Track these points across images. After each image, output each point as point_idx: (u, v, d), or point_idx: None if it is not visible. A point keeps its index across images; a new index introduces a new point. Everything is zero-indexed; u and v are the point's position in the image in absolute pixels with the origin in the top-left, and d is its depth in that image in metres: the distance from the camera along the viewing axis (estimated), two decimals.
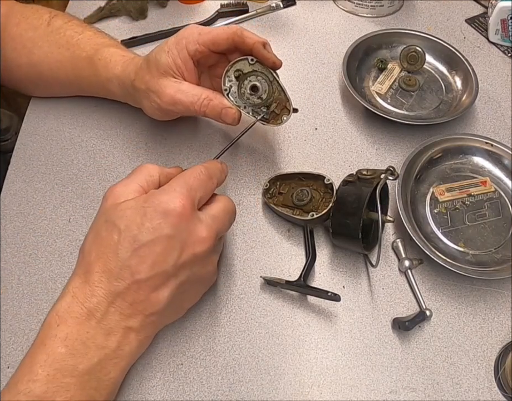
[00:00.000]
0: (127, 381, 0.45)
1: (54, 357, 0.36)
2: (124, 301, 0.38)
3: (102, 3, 0.75)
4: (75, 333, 0.37)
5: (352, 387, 0.45)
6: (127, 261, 0.38)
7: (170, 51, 0.50)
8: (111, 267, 0.38)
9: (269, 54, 0.49)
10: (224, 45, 0.49)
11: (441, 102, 0.66)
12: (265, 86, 0.50)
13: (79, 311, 0.38)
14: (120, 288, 0.38)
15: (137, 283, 0.38)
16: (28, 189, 0.57)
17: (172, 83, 0.50)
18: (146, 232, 0.38)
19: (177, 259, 0.39)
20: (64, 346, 0.37)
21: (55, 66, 0.59)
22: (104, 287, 0.38)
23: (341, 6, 0.79)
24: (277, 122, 0.50)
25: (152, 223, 0.38)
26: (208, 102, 0.49)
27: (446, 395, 0.45)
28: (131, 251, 0.38)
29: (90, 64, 0.57)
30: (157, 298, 0.39)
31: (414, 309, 0.49)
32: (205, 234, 0.40)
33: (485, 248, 0.53)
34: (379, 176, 0.49)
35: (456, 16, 0.79)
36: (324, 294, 0.46)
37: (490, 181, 0.57)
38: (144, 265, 0.38)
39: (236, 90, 0.50)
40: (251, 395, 0.44)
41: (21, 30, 0.60)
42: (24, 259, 0.51)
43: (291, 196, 0.53)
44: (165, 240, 0.38)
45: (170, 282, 0.39)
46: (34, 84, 0.63)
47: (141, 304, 0.39)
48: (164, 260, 0.38)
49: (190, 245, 0.39)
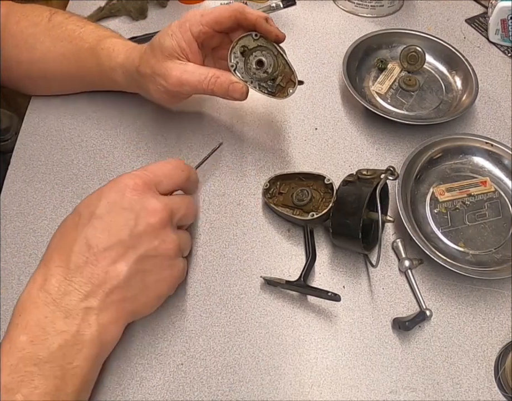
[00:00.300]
0: (127, 381, 0.45)
1: (16, 346, 0.36)
2: (82, 277, 0.38)
3: (102, 3, 0.75)
4: (34, 319, 0.37)
5: (352, 387, 0.45)
6: (83, 233, 0.39)
7: (174, 34, 0.50)
8: (69, 244, 0.39)
9: (272, 27, 0.49)
10: (227, 23, 0.49)
11: (441, 102, 0.66)
12: (270, 60, 0.50)
13: (38, 296, 0.38)
14: (78, 262, 0.38)
15: (95, 255, 0.39)
16: (28, 189, 0.57)
17: (177, 65, 0.50)
18: (102, 207, 0.40)
19: (133, 229, 0.40)
20: (24, 334, 0.37)
21: (58, 60, 0.59)
22: (63, 265, 0.39)
23: (341, 6, 0.79)
24: (284, 95, 0.50)
25: (107, 199, 0.41)
26: (216, 79, 0.49)
27: (446, 395, 0.45)
28: (88, 225, 0.40)
29: (93, 54, 0.57)
30: (116, 271, 0.39)
31: (414, 309, 0.49)
32: (158, 206, 0.41)
33: (485, 248, 0.53)
34: (379, 176, 0.49)
35: (456, 16, 0.79)
36: (324, 294, 0.46)
37: (490, 181, 0.57)
38: (100, 236, 0.39)
39: (243, 66, 0.50)
40: (251, 395, 0.44)
41: (22, 27, 0.60)
42: (24, 259, 0.51)
43: (291, 196, 0.53)
44: (119, 212, 0.40)
45: (128, 254, 0.40)
46: (34, 81, 0.63)
47: (99, 279, 0.39)
48: (120, 229, 0.40)
49: (143, 216, 0.41)
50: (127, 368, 0.45)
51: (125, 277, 0.39)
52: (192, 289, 0.50)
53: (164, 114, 0.63)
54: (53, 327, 0.37)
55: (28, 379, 0.36)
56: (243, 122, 0.63)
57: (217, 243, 0.53)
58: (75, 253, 0.39)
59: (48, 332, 0.37)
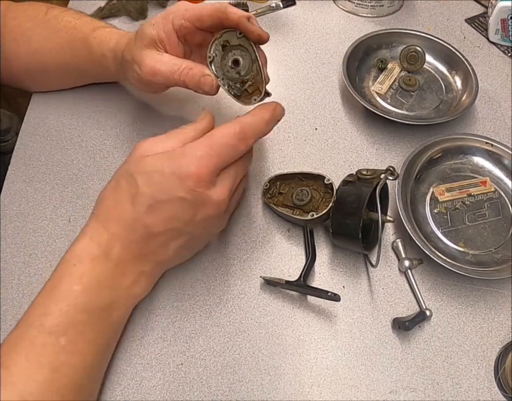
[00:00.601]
0: (127, 381, 0.45)
1: (68, 293, 0.39)
2: (137, 249, 0.42)
3: (102, 3, 0.75)
4: (91, 272, 0.40)
5: (352, 387, 0.45)
6: (141, 215, 0.40)
7: (156, 24, 0.50)
8: (126, 216, 0.41)
9: (254, 26, 0.47)
10: (208, 22, 0.49)
11: (441, 102, 0.66)
12: (246, 63, 0.49)
13: (95, 253, 0.40)
14: (134, 238, 0.41)
15: (150, 235, 0.41)
16: (28, 189, 0.57)
17: (153, 55, 0.50)
18: (162, 192, 0.40)
19: (190, 220, 0.42)
20: (79, 284, 0.39)
21: (54, 50, 0.60)
22: (120, 234, 0.41)
23: (341, 6, 0.79)
24: (248, 101, 0.49)
25: (168, 185, 0.40)
26: (188, 70, 0.49)
27: (446, 395, 0.45)
28: (146, 206, 0.40)
29: (86, 43, 0.58)
30: (168, 250, 0.43)
31: (414, 309, 0.49)
32: (219, 199, 0.42)
33: (485, 248, 0.53)
34: (379, 176, 0.49)
35: (456, 16, 0.79)
36: (324, 294, 0.46)
37: (490, 181, 0.57)
38: (158, 221, 0.41)
39: (219, 61, 0.49)
40: (251, 395, 0.44)
41: (19, 21, 0.60)
42: (24, 259, 0.51)
43: (291, 196, 0.53)
44: (178, 202, 0.40)
45: (181, 237, 0.43)
46: (33, 75, 0.63)
47: (153, 254, 0.43)
48: (177, 219, 0.41)
49: (202, 210, 0.42)
50: (127, 368, 0.45)
51: (174, 253, 0.44)
52: (192, 289, 0.50)
53: (164, 114, 0.63)
54: (108, 283, 0.40)
55: (75, 324, 0.38)
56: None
57: (217, 243, 0.53)
58: (134, 230, 0.41)
59: (103, 286, 0.40)
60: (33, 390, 0.36)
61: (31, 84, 0.65)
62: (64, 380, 0.37)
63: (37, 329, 0.38)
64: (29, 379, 0.36)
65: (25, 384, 0.36)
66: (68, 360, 0.38)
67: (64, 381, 0.37)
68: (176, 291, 0.50)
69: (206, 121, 0.45)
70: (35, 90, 0.66)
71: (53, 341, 0.37)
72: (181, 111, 0.64)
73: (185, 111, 0.64)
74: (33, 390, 0.36)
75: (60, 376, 0.37)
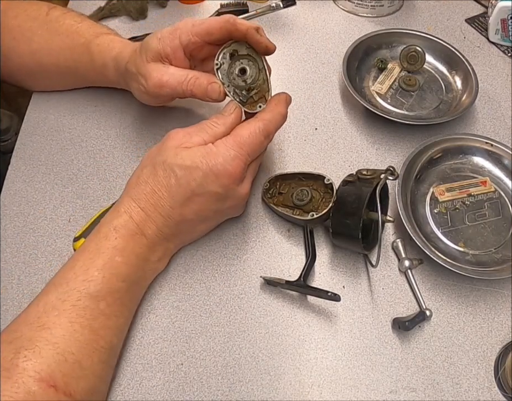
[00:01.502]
0: (127, 381, 0.45)
1: (111, 264, 0.43)
2: (169, 232, 0.47)
3: (102, 3, 0.75)
4: (131, 247, 0.44)
5: (352, 387, 0.45)
6: (178, 204, 0.45)
7: (162, 38, 0.50)
8: (164, 204, 0.45)
9: (262, 38, 0.48)
10: (217, 35, 0.49)
11: (441, 102, 0.66)
12: (253, 71, 0.50)
13: (134, 230, 0.45)
14: (168, 223, 0.46)
15: (182, 221, 0.46)
16: (28, 189, 0.57)
17: (159, 67, 0.51)
18: (200, 187, 0.45)
19: (218, 210, 0.48)
20: (121, 256, 0.43)
21: (55, 52, 0.60)
22: (157, 219, 0.45)
23: (341, 6, 0.79)
24: (253, 108, 0.50)
25: (206, 180, 0.44)
26: (195, 80, 0.50)
27: (446, 395, 0.45)
28: (184, 198, 0.45)
29: (88, 50, 0.58)
30: (194, 232, 0.50)
31: (414, 309, 0.49)
32: (245, 191, 0.48)
33: (485, 248, 0.53)
34: (379, 176, 0.49)
35: (456, 16, 0.79)
36: (324, 294, 0.46)
37: (490, 181, 0.57)
38: (192, 211, 0.46)
39: (226, 68, 0.50)
40: (251, 395, 0.44)
41: (20, 21, 0.60)
42: (24, 259, 0.51)
43: (291, 196, 0.53)
44: (213, 196, 0.46)
45: (207, 222, 0.50)
46: (33, 74, 0.63)
47: (181, 234, 0.48)
48: (208, 209, 0.47)
49: (231, 202, 0.47)
50: (127, 368, 0.45)
51: (198, 234, 0.51)
52: (192, 289, 0.50)
53: (164, 115, 0.63)
54: (144, 258, 0.45)
55: (114, 291, 0.42)
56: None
57: (217, 243, 0.53)
58: (168, 216, 0.45)
59: (140, 259, 0.45)
60: (74, 349, 0.38)
61: (31, 83, 0.65)
62: (101, 342, 0.41)
63: (79, 293, 0.40)
64: (71, 338, 0.39)
65: (66, 343, 0.38)
66: (105, 323, 0.41)
67: (101, 343, 0.40)
68: (176, 291, 0.50)
69: (234, 115, 0.48)
70: (35, 89, 0.66)
71: (94, 304, 0.41)
72: (181, 110, 0.64)
73: (185, 110, 0.64)
74: (74, 350, 0.38)
75: (98, 338, 0.40)
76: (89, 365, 0.39)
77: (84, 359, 0.39)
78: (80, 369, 0.38)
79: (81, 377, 0.38)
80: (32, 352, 0.37)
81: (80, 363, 0.38)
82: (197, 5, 0.78)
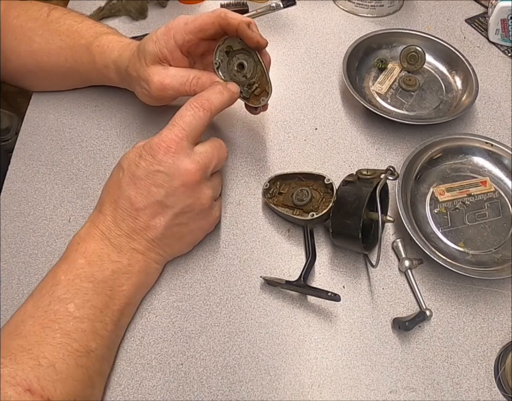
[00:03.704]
0: (127, 381, 0.45)
1: (74, 265, 0.43)
2: (127, 227, 0.45)
3: (102, 3, 0.75)
4: (92, 248, 0.44)
5: (352, 387, 0.45)
6: (126, 192, 0.45)
7: (157, 41, 0.51)
8: (115, 197, 0.45)
9: (253, 33, 0.48)
10: (210, 30, 0.49)
11: (441, 102, 0.66)
12: (250, 65, 0.51)
13: (95, 233, 0.45)
14: (123, 215, 0.45)
15: (136, 211, 0.45)
16: (28, 189, 0.57)
17: (160, 70, 0.51)
18: (141, 169, 0.45)
19: (168, 189, 0.44)
20: (83, 258, 0.44)
21: (55, 52, 0.60)
22: (111, 214, 0.45)
23: (341, 6, 0.79)
24: (257, 102, 0.51)
25: (145, 162, 0.45)
26: (197, 80, 0.50)
27: (446, 395, 0.45)
28: (130, 184, 0.45)
29: (88, 51, 0.58)
30: (155, 226, 0.45)
31: (414, 309, 0.49)
32: (191, 167, 0.45)
33: (485, 248, 0.53)
34: (379, 176, 0.49)
35: (456, 16, 0.79)
36: (324, 294, 0.46)
37: (490, 181, 0.57)
38: (141, 196, 0.45)
39: (226, 66, 0.51)
40: (251, 395, 0.44)
41: (21, 21, 0.61)
42: (24, 259, 0.51)
43: (291, 196, 0.53)
44: (155, 174, 0.44)
45: (166, 212, 0.45)
46: (33, 74, 0.63)
47: (142, 230, 0.45)
48: (157, 191, 0.44)
49: (177, 176, 0.44)
50: (127, 368, 0.45)
51: (163, 230, 0.46)
52: (192, 289, 0.50)
53: (164, 114, 0.63)
54: (108, 257, 0.45)
55: (82, 292, 0.42)
56: (243, 122, 0.63)
57: (217, 243, 0.53)
58: (120, 207, 0.45)
59: (104, 260, 0.44)
60: (47, 353, 0.38)
61: (31, 83, 0.65)
62: (75, 345, 0.40)
63: (49, 298, 0.41)
64: (43, 343, 0.39)
65: (39, 348, 0.39)
66: (78, 326, 0.41)
67: (75, 346, 0.40)
68: (176, 291, 0.50)
69: None
70: (35, 90, 0.66)
71: (63, 308, 0.41)
72: None
73: None
74: (47, 354, 0.38)
75: (71, 341, 0.40)
76: (64, 369, 0.39)
77: (59, 362, 0.38)
78: (55, 373, 0.38)
79: (57, 380, 0.38)
80: (8, 360, 0.37)
81: (54, 366, 0.38)
82: (197, 5, 0.78)
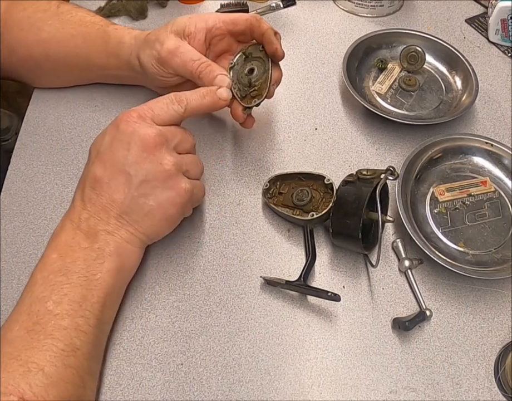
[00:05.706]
0: (127, 381, 0.45)
1: (47, 261, 0.43)
2: (95, 207, 0.44)
3: (102, 3, 0.75)
4: (64, 240, 0.44)
5: (352, 387, 0.45)
6: (91, 170, 0.45)
7: (192, 17, 0.54)
8: (82, 181, 0.46)
9: (276, 41, 0.51)
10: (241, 26, 0.53)
11: (441, 102, 0.66)
12: (259, 73, 0.52)
13: (65, 224, 0.45)
14: (90, 195, 0.44)
15: (101, 187, 0.44)
16: (28, 189, 0.57)
17: (179, 40, 0.53)
18: (105, 143, 0.45)
19: (128, 156, 0.44)
20: (55, 252, 0.43)
21: (65, 39, 0.60)
22: (80, 199, 0.45)
23: (341, 6, 0.79)
24: (248, 102, 0.52)
25: (109, 136, 0.45)
26: (207, 66, 0.51)
27: (446, 395, 0.45)
28: (95, 163, 0.45)
29: (104, 32, 0.59)
30: (120, 199, 0.44)
31: (414, 309, 0.49)
32: (149, 131, 0.44)
33: (485, 248, 0.53)
34: (379, 176, 0.49)
35: (456, 16, 0.79)
36: (324, 294, 0.46)
37: (490, 181, 0.57)
38: (103, 169, 0.44)
39: (238, 68, 0.54)
40: (251, 395, 0.44)
41: (29, 13, 0.60)
42: (24, 259, 0.51)
43: (291, 196, 0.53)
44: (116, 144, 0.44)
45: (129, 181, 0.44)
46: (38, 67, 0.62)
47: (107, 206, 0.44)
48: (118, 161, 0.44)
49: (137, 142, 0.44)
50: (127, 368, 0.45)
51: (128, 203, 0.44)
52: (192, 289, 0.50)
53: None
54: (79, 246, 0.43)
55: (58, 288, 0.41)
56: None
57: (217, 243, 0.53)
58: (87, 187, 0.45)
59: (74, 249, 0.43)
60: (34, 358, 0.38)
61: (34, 77, 0.64)
62: (60, 344, 0.39)
63: (29, 300, 0.41)
64: (30, 347, 0.38)
65: (26, 353, 0.38)
66: (59, 324, 0.40)
67: (60, 346, 0.39)
68: (176, 291, 0.50)
69: None
70: (36, 85, 0.65)
71: (43, 307, 0.40)
72: None
73: None
74: (35, 358, 0.38)
75: (55, 341, 0.39)
76: (53, 371, 0.38)
77: (47, 366, 0.37)
78: (45, 377, 0.37)
79: (49, 385, 0.37)
80: None
81: (43, 371, 0.37)
82: (197, 5, 0.78)
